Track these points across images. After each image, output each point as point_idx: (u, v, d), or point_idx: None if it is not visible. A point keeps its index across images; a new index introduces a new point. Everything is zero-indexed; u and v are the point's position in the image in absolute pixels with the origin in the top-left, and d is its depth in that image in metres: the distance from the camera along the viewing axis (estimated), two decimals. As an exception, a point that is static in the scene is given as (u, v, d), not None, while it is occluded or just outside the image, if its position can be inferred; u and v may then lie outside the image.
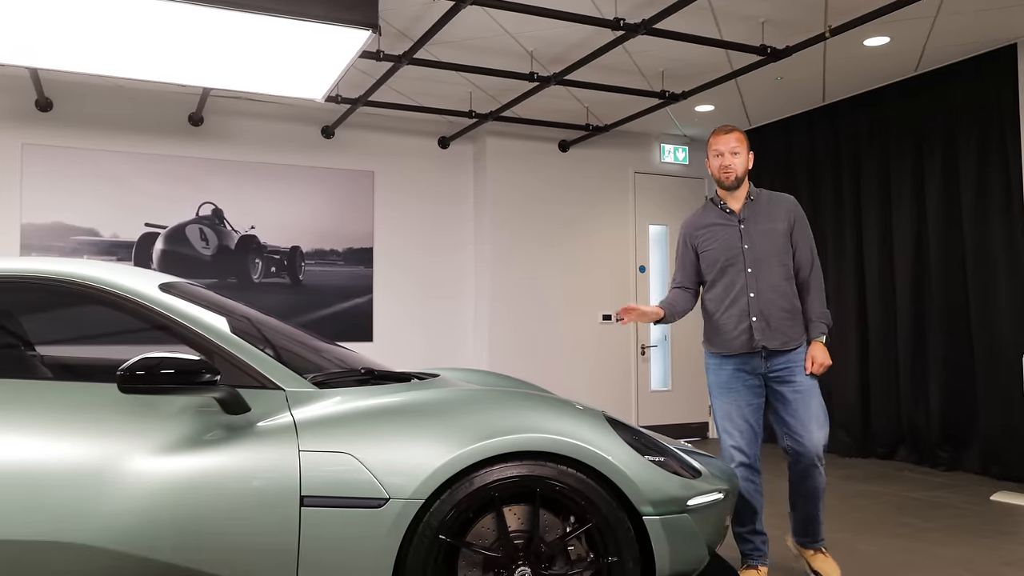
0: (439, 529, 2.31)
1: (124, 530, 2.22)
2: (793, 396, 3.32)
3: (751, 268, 3.41)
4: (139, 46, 4.36)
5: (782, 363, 3.35)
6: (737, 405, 3.39)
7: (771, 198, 3.51)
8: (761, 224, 3.44)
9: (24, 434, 2.26)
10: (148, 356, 2.24)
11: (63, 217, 6.11)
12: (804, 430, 3.30)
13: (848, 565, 3.71)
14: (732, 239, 3.45)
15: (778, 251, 3.41)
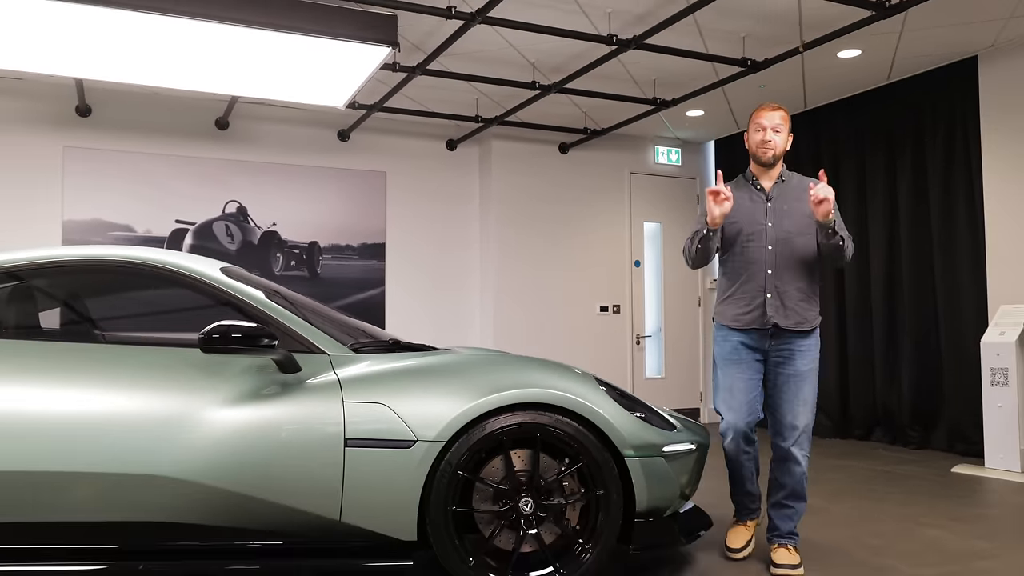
0: (457, 466, 2.82)
1: (201, 465, 2.73)
2: (789, 379, 3.34)
3: (771, 245, 3.38)
4: (176, 58, 4.85)
5: (786, 344, 3.35)
6: (739, 377, 3.39)
7: (802, 182, 3.46)
8: (789, 204, 3.41)
9: (123, 388, 2.78)
10: (222, 323, 2.75)
11: (101, 214, 6.63)
12: (789, 413, 3.33)
13: (816, 521, 4.21)
14: (757, 214, 3.42)
15: (801, 231, 3.37)
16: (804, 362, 3.35)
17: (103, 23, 4.30)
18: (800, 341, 3.35)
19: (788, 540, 3.37)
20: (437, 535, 2.81)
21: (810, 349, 3.38)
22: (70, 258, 3.07)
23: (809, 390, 3.35)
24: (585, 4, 5.00)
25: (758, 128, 3.41)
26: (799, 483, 3.37)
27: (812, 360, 3.38)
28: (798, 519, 3.42)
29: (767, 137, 3.38)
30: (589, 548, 2.90)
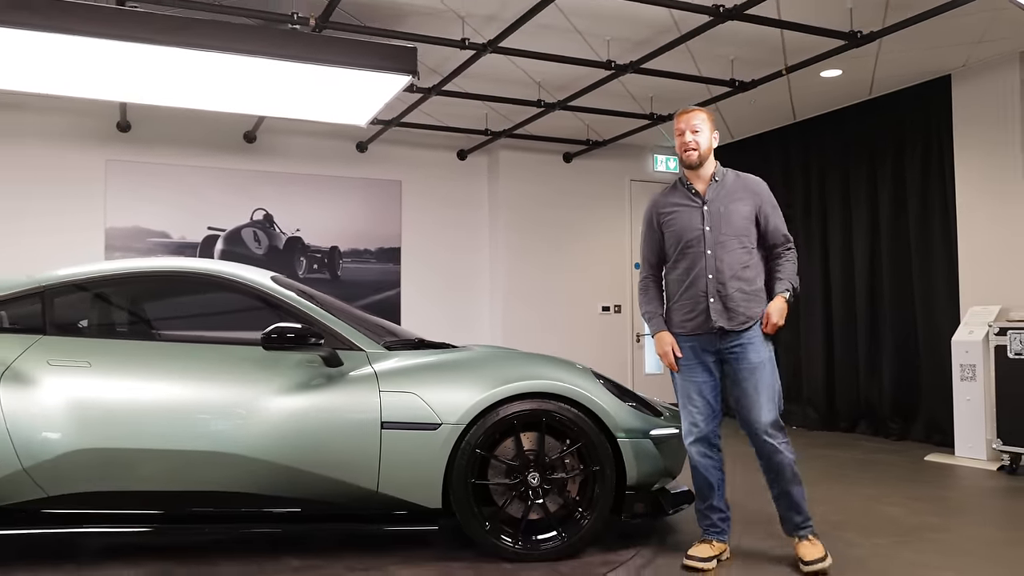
0: (476, 446, 3.35)
1: (260, 444, 3.26)
2: (745, 374, 3.31)
3: (710, 250, 3.36)
4: (211, 84, 5.33)
5: (736, 341, 3.33)
6: (695, 383, 3.40)
7: (737, 179, 3.45)
8: (725, 205, 3.37)
9: (195, 378, 3.32)
10: (279, 325, 3.29)
11: (140, 222, 7.18)
12: (753, 406, 3.29)
13: (787, 498, 4.71)
14: (694, 220, 3.39)
15: (739, 233, 3.36)
16: (756, 355, 3.31)
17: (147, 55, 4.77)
18: (749, 335, 3.32)
19: (806, 531, 3.34)
20: (459, 504, 3.34)
21: (758, 342, 3.33)
22: (148, 269, 3.62)
23: (767, 380, 3.31)
24: (586, 33, 5.50)
25: (679, 132, 3.41)
26: (791, 471, 3.32)
27: (763, 351, 3.34)
28: (804, 503, 3.36)
29: (687, 139, 3.38)
30: (587, 516, 3.43)
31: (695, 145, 3.38)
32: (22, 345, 3.32)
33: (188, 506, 3.34)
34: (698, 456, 3.40)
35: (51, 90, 5.47)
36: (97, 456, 3.20)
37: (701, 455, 3.39)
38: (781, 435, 3.33)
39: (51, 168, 7.00)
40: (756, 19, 5.01)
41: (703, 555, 3.32)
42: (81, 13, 4.35)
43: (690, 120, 3.40)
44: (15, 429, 3.15)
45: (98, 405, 3.24)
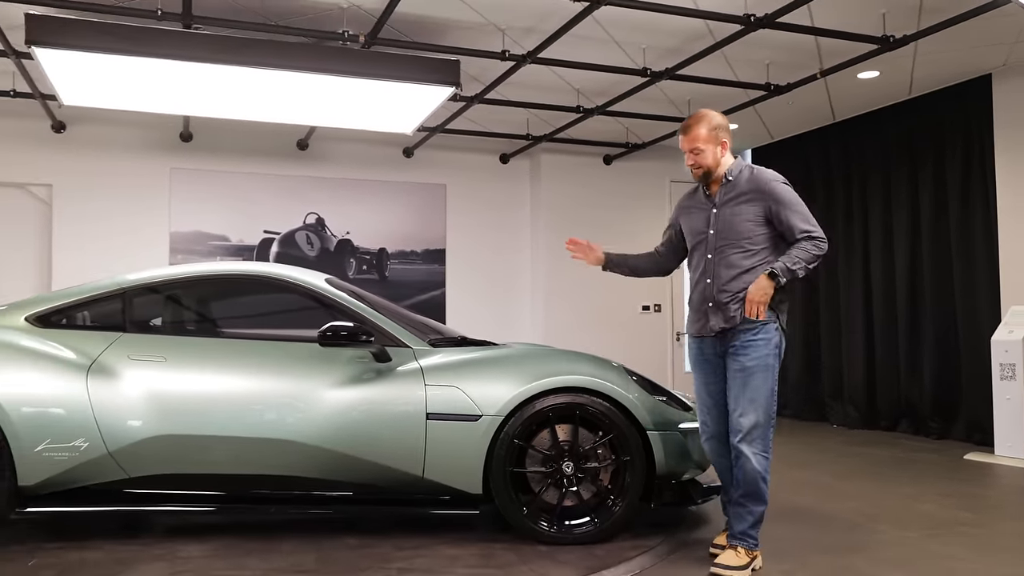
0: (514, 436, 3.59)
1: (316, 432, 3.56)
2: (735, 374, 3.30)
3: (711, 254, 3.40)
4: (268, 98, 5.67)
5: (735, 340, 3.31)
6: (704, 383, 3.45)
7: (750, 178, 3.38)
8: (732, 207, 3.36)
9: (258, 372, 3.63)
10: (334, 324, 3.59)
11: (201, 226, 7.59)
12: (736, 408, 3.27)
13: (820, 494, 4.86)
14: (702, 223, 3.45)
15: (741, 237, 3.34)
16: (750, 358, 3.27)
17: (210, 72, 5.12)
18: (747, 336, 3.29)
19: (739, 541, 3.29)
20: (498, 490, 3.59)
21: (758, 345, 3.28)
22: (214, 272, 3.96)
23: (757, 386, 3.25)
24: (622, 42, 5.71)
25: (684, 152, 3.46)
26: (752, 482, 3.24)
27: (760, 356, 3.27)
28: (752, 520, 3.28)
29: (689, 160, 3.43)
30: (619, 503, 3.65)
31: (698, 164, 3.41)
32: (106, 341, 3.68)
33: (251, 488, 3.65)
34: (710, 453, 3.49)
35: (125, 106, 5.90)
36: (172, 441, 3.54)
37: (713, 452, 3.46)
38: (758, 444, 3.25)
39: (121, 175, 7.46)
40: (787, 27, 5.16)
41: (721, 543, 3.48)
42: (153, 37, 4.72)
43: (684, 145, 3.42)
44: (101, 417, 3.50)
45: (173, 396, 3.57)
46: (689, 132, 3.41)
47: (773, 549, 3.60)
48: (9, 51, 5.37)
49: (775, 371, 3.31)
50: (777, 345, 3.32)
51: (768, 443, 3.29)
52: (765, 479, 3.26)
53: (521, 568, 3.31)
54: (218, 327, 4.17)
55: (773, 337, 3.31)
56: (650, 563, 3.42)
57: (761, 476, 3.25)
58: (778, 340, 3.34)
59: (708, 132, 3.38)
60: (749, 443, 3.25)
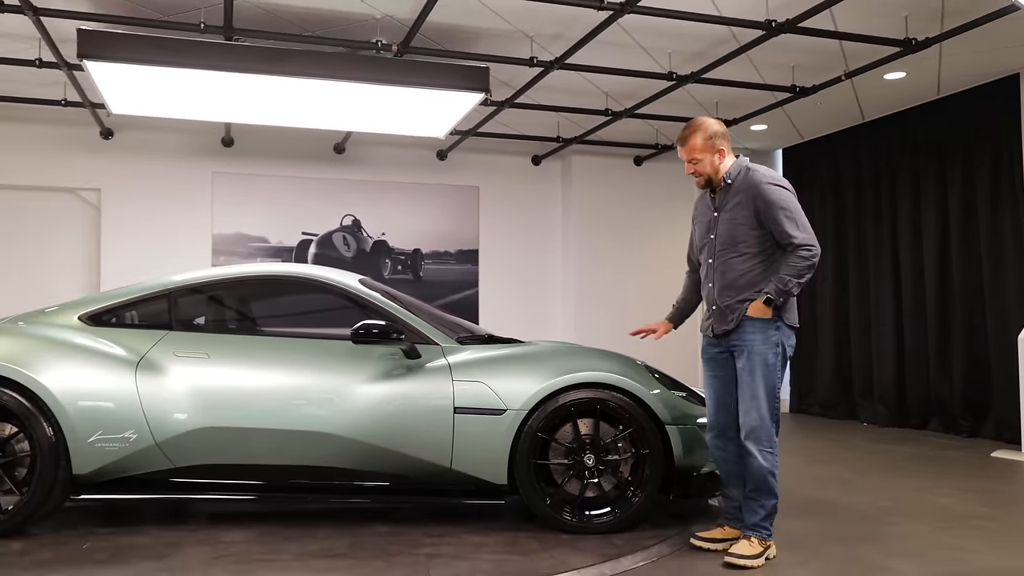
0: (538, 430, 3.76)
1: (350, 424, 3.76)
2: (740, 373, 3.40)
3: (712, 259, 3.50)
4: (305, 104, 5.89)
5: (738, 341, 3.40)
6: (710, 380, 3.56)
7: (744, 179, 3.41)
8: (729, 212, 3.43)
9: (296, 368, 3.84)
10: (366, 322, 3.78)
11: (242, 228, 7.88)
12: (741, 408, 3.38)
13: (839, 489, 4.95)
14: (705, 228, 3.56)
15: (736, 241, 3.40)
16: (752, 356, 3.35)
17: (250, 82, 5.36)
18: (749, 336, 3.37)
19: (752, 532, 3.38)
20: (522, 481, 3.75)
21: (759, 343, 3.36)
22: (254, 273, 4.19)
23: (758, 385, 3.33)
24: (648, 47, 5.83)
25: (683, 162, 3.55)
26: (760, 478, 3.34)
27: (761, 356, 3.35)
28: (764, 513, 3.38)
29: (688, 170, 3.53)
30: (638, 494, 3.79)
31: (697, 172, 3.50)
32: (153, 339, 3.92)
33: (289, 478, 3.86)
34: (711, 447, 3.60)
35: (170, 114, 6.18)
36: (215, 433, 3.76)
37: (714, 446, 3.57)
38: (764, 442, 3.33)
39: (166, 179, 7.78)
40: (809, 31, 5.24)
41: (709, 535, 3.58)
42: (196, 49, 4.97)
43: (688, 154, 3.49)
44: (149, 410, 3.74)
45: (216, 390, 3.80)
46: (686, 143, 3.49)
47: (788, 540, 3.71)
48: (61, 63, 5.66)
49: (777, 369, 3.38)
50: (778, 343, 3.39)
51: (773, 439, 3.36)
52: (773, 474, 3.35)
53: (543, 555, 3.47)
54: (257, 325, 4.39)
55: (774, 336, 3.38)
56: (667, 551, 3.55)
57: (768, 471, 3.34)
58: (780, 339, 3.39)
59: (704, 141, 3.46)
60: (755, 441, 3.35)
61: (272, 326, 4.35)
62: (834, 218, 8.70)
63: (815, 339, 8.93)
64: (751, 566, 3.30)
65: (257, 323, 4.41)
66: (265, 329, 4.26)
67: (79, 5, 5.02)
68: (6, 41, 5.60)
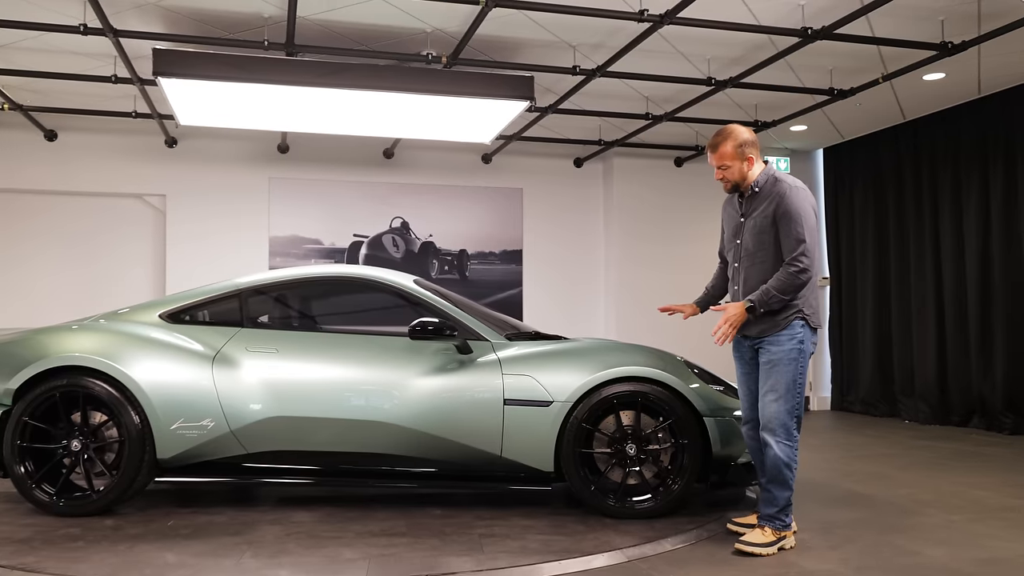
0: (582, 420, 4.01)
1: (407, 414, 4.05)
2: (763, 367, 3.57)
3: (737, 263, 3.68)
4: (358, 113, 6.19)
5: (762, 337, 3.59)
6: (740, 375, 3.76)
7: (772, 187, 3.56)
8: (754, 219, 3.59)
9: (356, 362, 4.15)
10: (422, 319, 4.07)
11: (297, 231, 8.26)
12: (761, 399, 3.56)
13: (878, 483, 5.10)
14: (733, 232, 3.74)
15: (760, 247, 3.57)
16: (775, 352, 3.52)
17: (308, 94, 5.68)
18: (773, 332, 3.54)
19: (765, 522, 3.53)
20: (568, 468, 4.01)
21: (780, 341, 3.52)
22: (317, 275, 4.51)
23: (779, 379, 3.49)
24: (687, 53, 6.03)
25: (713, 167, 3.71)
26: (775, 469, 3.49)
27: (783, 351, 3.51)
28: (779, 504, 3.50)
29: (717, 176, 3.69)
30: (677, 482, 4.02)
31: (726, 178, 3.66)
32: (227, 335, 4.26)
33: (351, 464, 4.17)
34: (745, 437, 3.78)
35: (232, 124, 6.55)
36: (284, 422, 4.08)
37: (748, 438, 3.75)
38: (780, 433, 3.48)
39: (226, 185, 8.19)
40: (844, 37, 5.39)
41: (744, 521, 3.79)
42: (260, 65, 5.33)
43: (717, 160, 3.64)
44: (224, 400, 4.08)
45: (285, 382, 4.12)
46: (716, 150, 3.64)
47: (824, 527, 3.91)
48: (135, 79, 6.06)
49: (799, 364, 3.52)
50: (802, 340, 3.53)
51: (791, 432, 3.51)
52: (789, 466, 3.49)
53: (588, 536, 3.72)
54: (320, 322, 4.72)
55: (798, 333, 3.53)
56: (705, 536, 3.78)
57: (784, 463, 3.48)
58: (803, 335, 3.54)
59: (734, 149, 3.60)
60: (772, 432, 3.50)
61: (333, 323, 4.66)
62: (875, 217, 8.78)
63: (856, 337, 9.01)
64: (760, 553, 3.45)
65: (320, 320, 4.73)
66: (327, 326, 4.58)
67: (153, 26, 5.40)
68: (84, 60, 6.02)
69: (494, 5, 4.85)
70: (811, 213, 3.55)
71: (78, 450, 4.08)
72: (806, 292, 3.55)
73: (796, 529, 3.73)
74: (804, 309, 3.55)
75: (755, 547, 3.47)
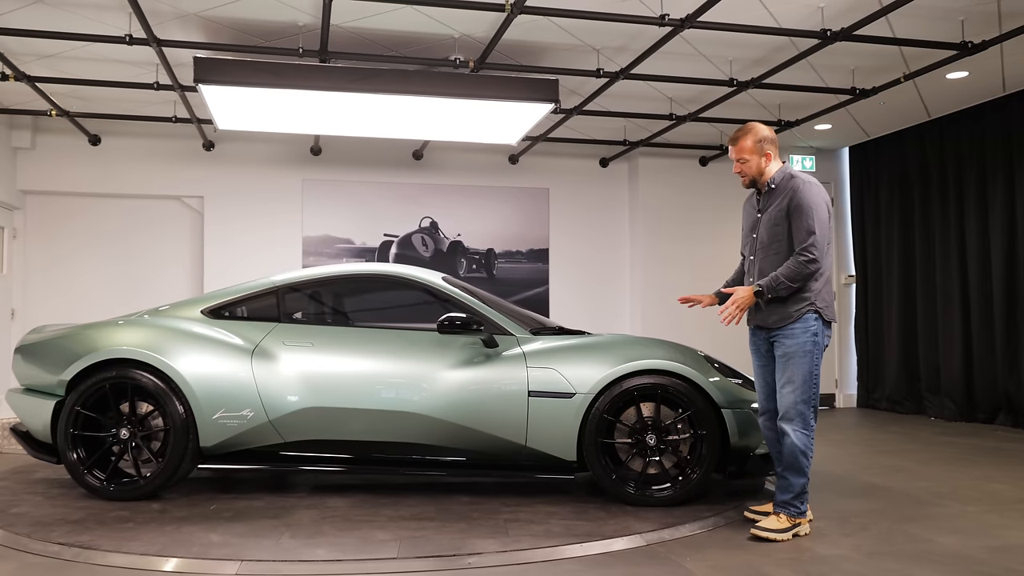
0: (603, 412, 4.16)
1: (436, 405, 4.23)
2: (779, 360, 3.71)
3: (753, 256, 3.83)
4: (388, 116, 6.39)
5: (777, 330, 3.72)
6: (756, 366, 3.91)
7: (788, 183, 3.70)
8: (770, 214, 3.75)
9: (387, 355, 4.34)
10: (450, 315, 4.26)
11: (329, 231, 8.49)
12: (779, 391, 3.70)
13: (897, 477, 5.19)
14: (750, 227, 3.90)
15: (774, 239, 3.71)
16: (790, 344, 3.65)
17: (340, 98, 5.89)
18: (787, 325, 3.67)
19: (781, 508, 3.69)
20: (590, 458, 4.17)
21: (795, 334, 3.65)
22: (350, 272, 4.72)
23: (795, 371, 3.62)
24: (709, 55, 6.14)
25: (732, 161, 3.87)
26: (792, 456, 3.63)
27: (798, 344, 3.64)
28: (795, 491, 3.65)
29: (735, 169, 3.86)
30: (696, 471, 4.16)
31: (743, 172, 3.84)
32: (265, 330, 4.48)
33: (382, 452, 4.36)
34: (762, 427, 3.93)
35: (268, 128, 6.80)
36: (319, 413, 4.29)
37: (765, 428, 3.91)
38: (797, 422, 3.61)
39: (261, 187, 8.45)
40: (864, 38, 5.48)
41: (761, 509, 3.92)
42: (295, 71, 5.55)
43: (736, 154, 3.82)
44: (263, 391, 4.29)
45: (319, 375, 4.33)
46: (736, 143, 3.83)
47: (840, 516, 4.03)
48: (176, 85, 6.32)
49: (814, 356, 3.65)
50: (816, 333, 3.66)
51: (808, 421, 3.64)
52: (805, 454, 3.63)
53: (609, 521, 3.88)
54: (353, 318, 4.92)
55: (812, 326, 3.66)
56: (723, 523, 3.92)
57: (800, 451, 3.61)
58: (817, 328, 3.67)
59: (753, 144, 3.78)
60: (789, 421, 3.64)
61: (365, 319, 4.87)
62: (900, 214, 8.81)
63: (882, 335, 9.05)
64: (776, 539, 3.59)
65: (352, 316, 4.94)
66: (359, 322, 4.79)
67: (194, 35, 5.64)
68: (128, 68, 6.29)
69: (519, 12, 5.01)
70: (823, 208, 3.68)
71: (126, 438, 4.32)
72: (819, 286, 3.67)
73: (811, 517, 3.87)
74: (817, 302, 3.67)
75: (770, 533, 3.62)
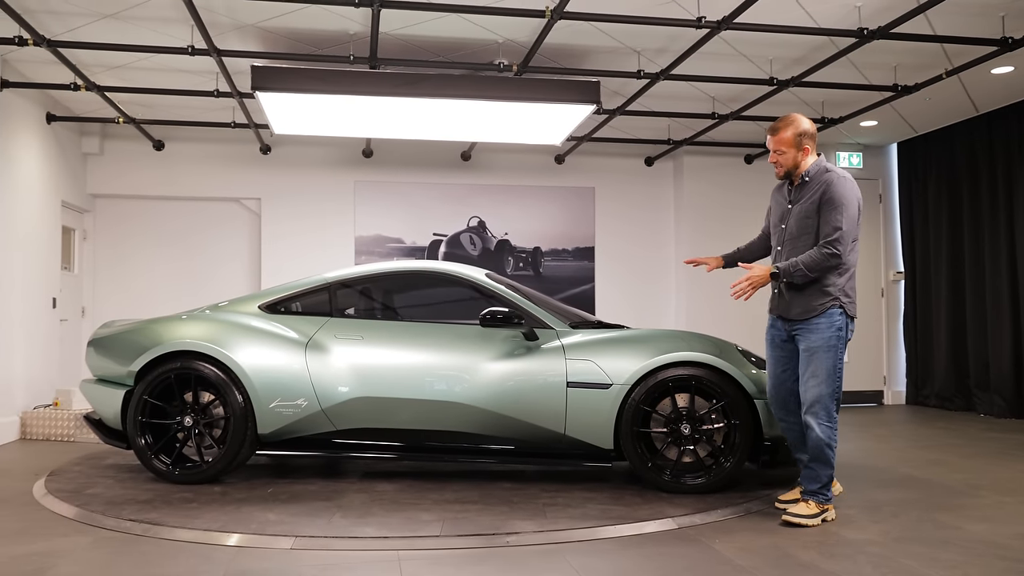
0: (640, 402, 4.32)
1: (479, 395, 4.44)
2: (803, 353, 3.78)
3: (780, 247, 3.91)
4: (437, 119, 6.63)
5: (799, 327, 3.80)
6: (770, 357, 3.99)
7: (820, 177, 3.76)
8: (801, 206, 3.81)
9: (434, 348, 4.57)
10: (492, 309, 4.46)
11: (381, 230, 8.79)
12: (803, 384, 3.76)
13: (935, 469, 5.22)
14: (779, 217, 3.97)
15: (803, 231, 3.79)
16: (814, 339, 3.73)
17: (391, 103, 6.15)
18: (812, 319, 3.74)
19: (810, 496, 3.80)
20: (627, 446, 4.33)
21: (820, 329, 3.72)
22: (398, 269, 4.96)
23: (819, 365, 3.69)
24: (749, 55, 6.23)
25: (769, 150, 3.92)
26: (817, 448, 3.72)
27: (822, 338, 3.70)
28: (822, 480, 3.75)
29: (772, 159, 3.91)
30: (729, 460, 4.29)
31: (779, 163, 3.88)
32: (317, 324, 4.74)
33: (428, 440, 4.59)
34: (776, 418, 4.06)
35: (321, 132, 7.11)
36: (369, 402, 4.54)
37: (778, 418, 4.03)
38: (822, 415, 3.70)
39: (315, 188, 8.79)
40: (902, 36, 5.52)
41: (790, 496, 4.03)
42: (347, 78, 5.82)
43: (771, 144, 3.89)
44: (316, 382, 4.56)
45: (369, 366, 4.57)
46: (776, 134, 3.87)
47: (872, 505, 4.11)
48: (235, 92, 6.66)
49: (838, 351, 3.73)
50: (840, 328, 3.74)
51: (832, 413, 3.73)
52: (830, 446, 3.72)
53: (644, 507, 4.03)
54: (401, 313, 5.17)
55: (837, 320, 3.74)
56: (754, 509, 4.04)
57: (825, 443, 3.71)
58: (841, 323, 3.75)
59: (792, 136, 3.83)
60: (814, 415, 3.73)
61: (412, 314, 5.11)
62: (949, 210, 8.73)
63: (931, 331, 8.97)
64: (807, 524, 3.72)
65: (400, 311, 5.18)
66: (407, 316, 5.03)
67: (251, 45, 5.96)
68: (190, 76, 6.65)
69: (559, 17, 5.19)
70: (854, 204, 3.76)
71: (190, 425, 4.63)
72: (843, 281, 3.77)
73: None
74: (841, 297, 3.76)
75: (801, 518, 3.75)
